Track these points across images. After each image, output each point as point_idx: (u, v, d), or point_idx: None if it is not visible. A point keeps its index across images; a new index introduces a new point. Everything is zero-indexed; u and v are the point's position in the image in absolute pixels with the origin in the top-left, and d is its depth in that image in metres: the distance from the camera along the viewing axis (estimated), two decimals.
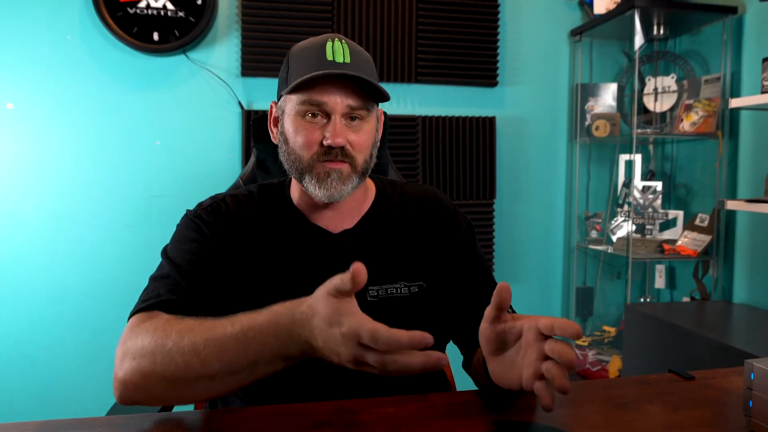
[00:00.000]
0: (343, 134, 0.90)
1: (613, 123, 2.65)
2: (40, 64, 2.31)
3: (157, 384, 0.75)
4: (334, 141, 0.89)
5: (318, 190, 0.91)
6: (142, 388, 0.76)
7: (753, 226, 2.33)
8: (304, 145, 0.91)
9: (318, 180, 0.91)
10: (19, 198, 2.32)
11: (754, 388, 0.73)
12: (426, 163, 2.60)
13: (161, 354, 0.74)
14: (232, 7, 2.47)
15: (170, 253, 0.91)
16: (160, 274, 0.89)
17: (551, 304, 2.87)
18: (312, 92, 0.89)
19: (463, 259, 1.02)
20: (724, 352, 1.80)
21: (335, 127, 0.89)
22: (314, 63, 0.89)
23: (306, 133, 0.91)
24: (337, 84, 0.89)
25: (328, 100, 0.89)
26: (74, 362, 2.38)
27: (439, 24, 2.60)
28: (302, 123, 0.91)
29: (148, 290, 0.87)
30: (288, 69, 0.93)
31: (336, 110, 0.90)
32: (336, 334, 0.64)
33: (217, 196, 0.99)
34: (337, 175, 0.91)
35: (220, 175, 2.43)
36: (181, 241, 0.93)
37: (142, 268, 2.37)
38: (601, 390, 0.89)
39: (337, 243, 0.97)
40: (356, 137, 0.92)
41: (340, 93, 0.90)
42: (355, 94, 0.91)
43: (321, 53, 0.90)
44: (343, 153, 0.91)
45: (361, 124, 0.93)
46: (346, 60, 0.90)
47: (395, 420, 0.77)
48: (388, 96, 0.93)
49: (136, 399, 0.77)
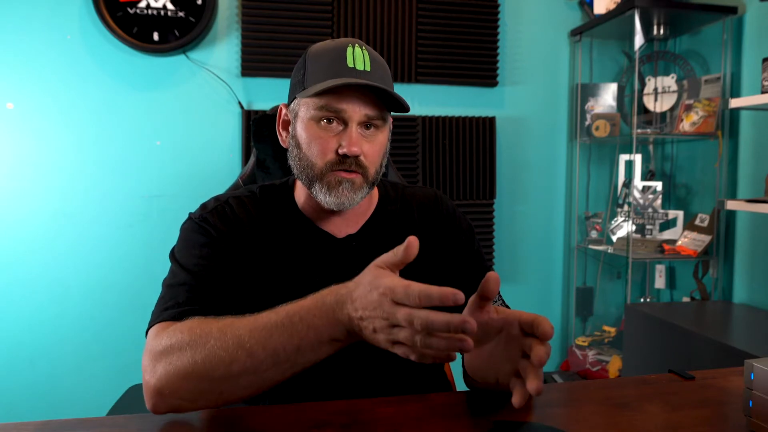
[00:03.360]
0: (359, 143, 0.88)
1: (613, 123, 2.65)
2: (40, 64, 2.31)
3: (197, 384, 0.73)
4: (350, 150, 0.87)
5: (328, 198, 0.90)
6: (180, 391, 0.74)
7: (753, 226, 2.33)
8: (318, 152, 0.89)
9: (329, 188, 0.89)
10: (19, 198, 2.32)
11: (754, 388, 0.73)
12: (426, 164, 2.60)
13: (203, 351, 0.73)
14: (232, 7, 2.47)
15: (182, 260, 0.89)
16: (175, 281, 0.87)
17: (551, 304, 2.87)
18: (331, 99, 0.88)
19: (463, 260, 1.02)
20: (724, 352, 1.80)
21: (352, 135, 0.88)
22: (335, 69, 0.88)
23: (321, 140, 0.89)
24: (357, 92, 0.88)
25: (347, 108, 0.88)
26: (74, 362, 2.38)
27: (439, 24, 2.60)
28: (317, 129, 0.90)
29: (166, 298, 0.85)
30: (305, 71, 0.91)
31: (354, 119, 0.88)
32: (374, 296, 0.64)
33: (220, 198, 0.98)
34: (349, 184, 0.89)
35: (220, 175, 2.43)
36: (190, 246, 0.91)
37: (143, 268, 2.40)
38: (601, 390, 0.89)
39: (342, 248, 0.96)
40: (370, 147, 0.91)
41: (360, 102, 0.88)
42: (373, 104, 0.90)
43: (341, 59, 0.88)
44: (357, 163, 0.89)
45: (375, 134, 0.92)
46: (366, 68, 0.89)
47: (395, 420, 0.77)
48: (408, 107, 0.91)
49: (174, 404, 0.75)
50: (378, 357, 0.93)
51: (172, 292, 0.85)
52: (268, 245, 0.94)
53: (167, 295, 0.86)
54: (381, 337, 0.64)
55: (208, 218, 0.93)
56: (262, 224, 0.95)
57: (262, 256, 0.93)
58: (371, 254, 0.97)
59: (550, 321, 0.69)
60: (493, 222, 2.71)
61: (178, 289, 0.85)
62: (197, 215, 0.94)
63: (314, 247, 0.96)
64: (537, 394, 0.64)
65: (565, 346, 2.86)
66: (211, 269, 0.88)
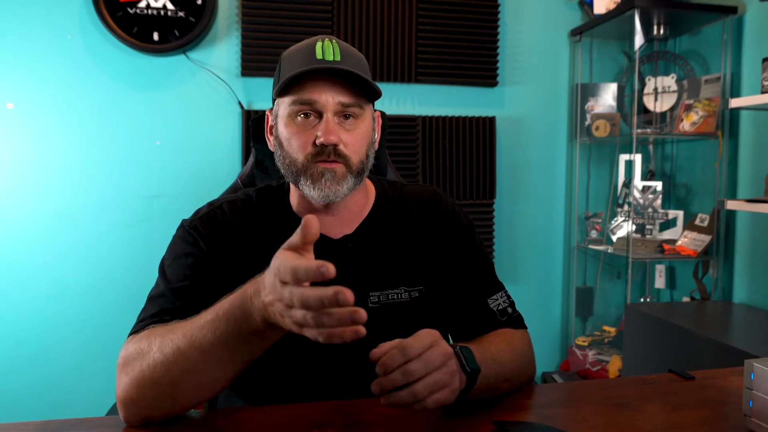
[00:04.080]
0: (335, 132, 0.88)
1: (613, 123, 2.65)
2: (40, 64, 2.31)
3: (149, 391, 0.75)
4: (327, 139, 0.87)
5: (313, 191, 0.90)
6: (138, 401, 0.76)
7: (753, 226, 2.33)
8: (298, 147, 0.90)
9: (312, 181, 0.89)
10: (19, 198, 2.32)
11: (754, 388, 0.73)
12: (426, 163, 2.61)
13: (147, 359, 0.74)
14: (232, 7, 2.47)
15: (166, 270, 0.90)
16: (156, 293, 0.88)
17: (551, 304, 2.87)
18: (302, 92, 0.88)
19: (464, 258, 1.02)
20: (724, 352, 1.79)
21: (327, 124, 0.88)
22: (304, 63, 0.88)
23: (299, 135, 0.90)
24: (328, 81, 0.89)
25: (319, 98, 0.88)
26: (74, 362, 2.38)
27: (439, 24, 2.60)
28: (294, 126, 0.90)
29: (144, 311, 0.87)
30: (279, 73, 0.93)
31: (327, 108, 0.89)
32: (271, 279, 0.64)
33: (214, 203, 0.98)
34: (331, 175, 0.89)
35: (220, 175, 2.43)
36: (176, 255, 0.92)
37: (142, 268, 2.40)
38: (601, 390, 0.89)
39: (338, 249, 0.96)
40: (349, 136, 0.91)
41: (331, 90, 0.89)
42: (346, 91, 0.90)
43: (310, 53, 0.89)
44: (336, 152, 0.89)
45: (355, 123, 0.92)
46: (336, 58, 0.89)
47: (395, 420, 0.77)
48: (380, 91, 0.92)
49: (140, 414, 0.77)
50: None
51: (151, 304, 0.87)
52: (261, 249, 0.93)
53: (147, 307, 0.87)
54: (286, 320, 0.63)
55: (198, 226, 0.93)
56: (256, 228, 0.95)
57: (254, 261, 0.92)
58: (367, 255, 0.97)
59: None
60: (493, 222, 2.71)
61: (156, 301, 0.86)
62: (188, 223, 0.95)
63: None
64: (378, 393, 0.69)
65: (565, 346, 2.86)
66: (194, 279, 0.88)
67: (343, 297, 0.57)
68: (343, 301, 0.57)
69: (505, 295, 1.01)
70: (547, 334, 2.86)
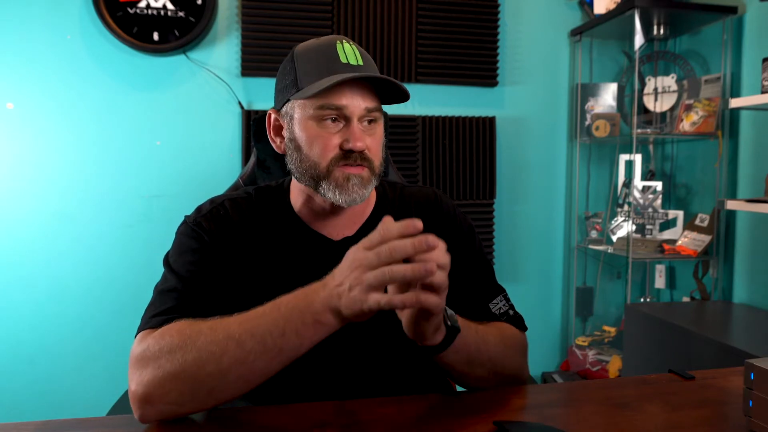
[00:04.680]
0: (363, 138, 0.88)
1: (613, 123, 2.65)
2: (40, 64, 2.31)
3: (186, 386, 0.73)
4: (356, 145, 0.87)
5: (338, 196, 0.89)
6: (169, 395, 0.74)
7: (753, 226, 2.33)
8: (321, 151, 0.89)
9: (337, 185, 0.88)
10: (19, 198, 2.32)
11: (754, 388, 0.73)
12: (426, 163, 2.61)
13: (193, 350, 0.74)
14: (232, 7, 2.47)
15: (174, 265, 0.89)
16: (166, 287, 0.87)
17: (551, 304, 2.87)
18: (330, 97, 0.87)
19: (464, 261, 1.01)
20: (724, 352, 1.79)
21: (355, 131, 0.88)
22: (330, 67, 0.87)
23: (323, 138, 0.88)
24: (355, 87, 0.88)
25: (348, 103, 0.87)
26: (74, 362, 2.38)
27: (439, 24, 2.60)
28: (317, 129, 0.89)
29: (156, 305, 0.85)
30: (296, 73, 0.91)
31: (355, 113, 0.88)
32: (347, 261, 0.72)
33: (216, 200, 0.98)
34: (358, 180, 0.89)
35: (220, 175, 2.43)
36: (182, 251, 0.91)
37: (142, 268, 2.40)
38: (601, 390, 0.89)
39: (338, 250, 0.95)
40: (372, 140, 0.91)
41: (359, 96, 0.88)
42: (371, 96, 0.90)
43: (333, 56, 0.88)
44: (362, 157, 0.89)
45: (375, 127, 0.92)
46: (359, 62, 0.89)
47: (395, 420, 0.77)
48: (409, 95, 0.91)
49: (162, 410, 0.75)
50: (378, 357, 0.94)
51: (162, 299, 0.86)
52: (263, 248, 0.94)
53: (157, 302, 0.86)
54: (356, 291, 0.69)
55: (201, 222, 0.92)
56: (257, 227, 0.95)
57: (256, 259, 0.92)
58: None
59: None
60: (493, 222, 2.71)
61: (168, 295, 0.86)
62: (191, 219, 0.94)
63: (309, 250, 0.95)
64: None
65: (565, 346, 2.86)
66: (203, 275, 0.88)
67: (433, 240, 0.68)
68: (431, 244, 0.67)
69: (505, 299, 1.01)
70: (547, 334, 2.86)
